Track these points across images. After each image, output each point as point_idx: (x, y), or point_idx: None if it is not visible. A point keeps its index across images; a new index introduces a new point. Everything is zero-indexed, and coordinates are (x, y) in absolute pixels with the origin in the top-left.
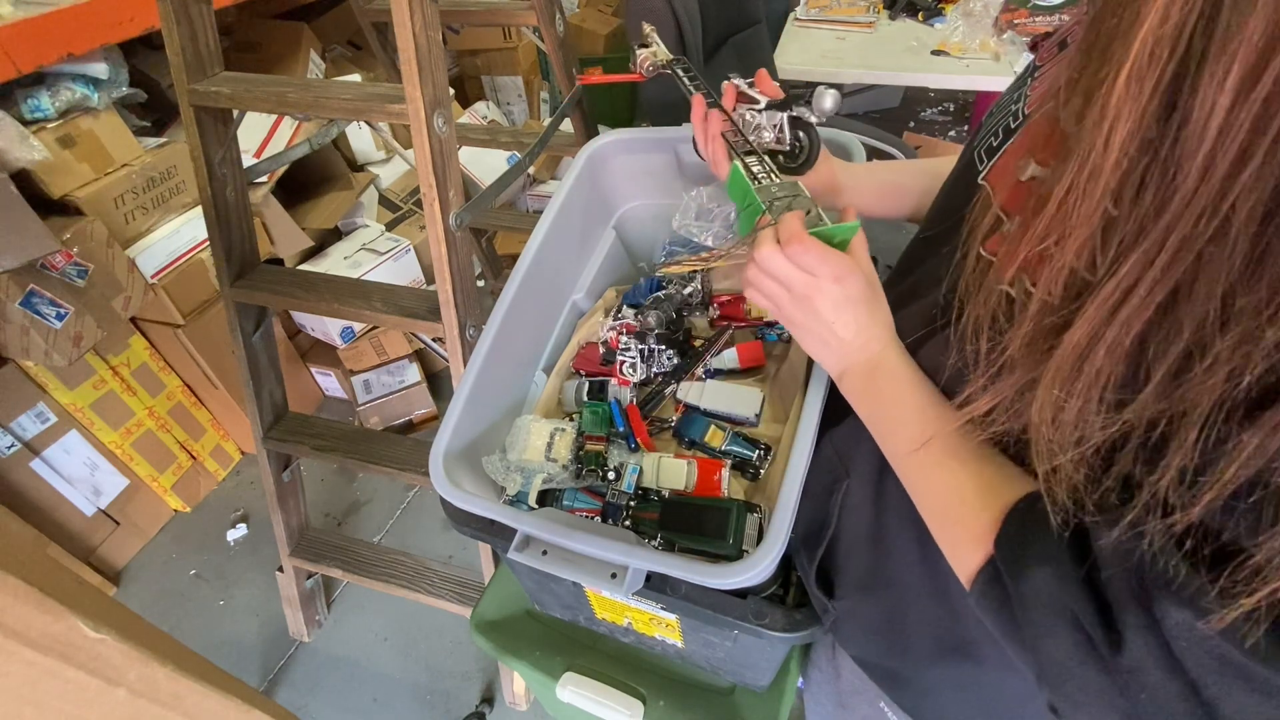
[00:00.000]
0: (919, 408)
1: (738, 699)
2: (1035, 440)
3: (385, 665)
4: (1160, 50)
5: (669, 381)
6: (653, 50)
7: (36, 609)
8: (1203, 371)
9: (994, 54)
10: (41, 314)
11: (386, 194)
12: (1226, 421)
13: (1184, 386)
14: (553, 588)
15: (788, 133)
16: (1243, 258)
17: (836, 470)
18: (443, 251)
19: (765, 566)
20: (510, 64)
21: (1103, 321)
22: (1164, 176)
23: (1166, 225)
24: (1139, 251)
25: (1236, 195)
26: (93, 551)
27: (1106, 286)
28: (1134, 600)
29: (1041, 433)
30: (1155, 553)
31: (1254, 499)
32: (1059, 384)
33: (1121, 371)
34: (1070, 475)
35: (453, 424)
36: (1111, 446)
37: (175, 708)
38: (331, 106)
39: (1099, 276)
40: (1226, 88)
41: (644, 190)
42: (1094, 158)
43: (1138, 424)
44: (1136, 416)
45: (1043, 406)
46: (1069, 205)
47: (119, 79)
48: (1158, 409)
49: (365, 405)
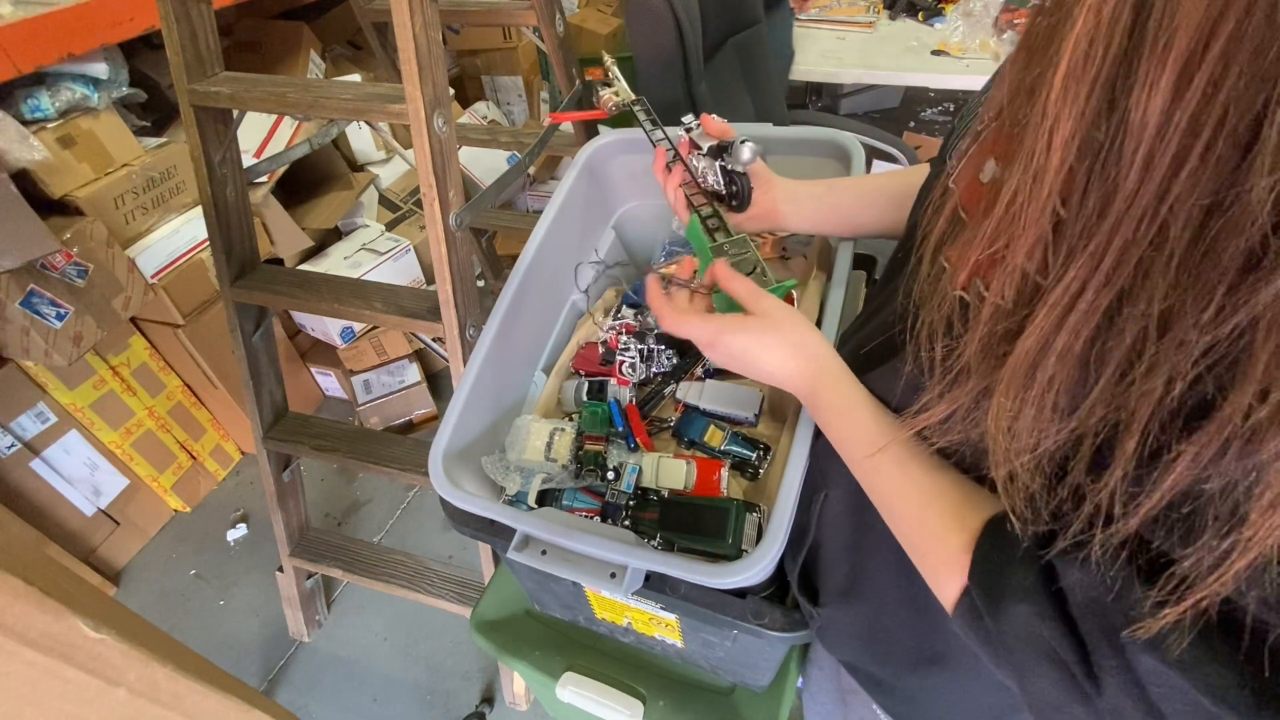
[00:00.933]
0: (866, 428)
1: (738, 699)
2: (993, 448)
3: (385, 665)
4: (1095, 50)
5: (669, 381)
6: (614, 90)
7: (36, 609)
8: (1141, 377)
9: (994, 54)
10: (41, 314)
11: (386, 194)
12: (1164, 432)
13: (1126, 393)
14: (552, 588)
15: (721, 178)
16: (1178, 264)
17: (815, 481)
18: (443, 251)
19: (764, 566)
20: (510, 64)
21: (1053, 327)
22: (1105, 178)
23: (1110, 228)
24: (1085, 255)
25: (1174, 198)
26: (93, 551)
27: (1055, 292)
28: (1106, 642)
29: (998, 441)
30: (1117, 587)
31: (1187, 510)
32: (1013, 391)
33: (1073, 378)
34: (1026, 484)
35: (452, 424)
36: (1065, 456)
37: (175, 708)
38: (331, 106)
39: (1049, 281)
40: (1160, 88)
41: (644, 190)
42: (1037, 159)
43: (1086, 431)
44: (1083, 423)
45: (998, 414)
46: (1016, 207)
47: (119, 79)
48: (1102, 416)
49: (365, 405)
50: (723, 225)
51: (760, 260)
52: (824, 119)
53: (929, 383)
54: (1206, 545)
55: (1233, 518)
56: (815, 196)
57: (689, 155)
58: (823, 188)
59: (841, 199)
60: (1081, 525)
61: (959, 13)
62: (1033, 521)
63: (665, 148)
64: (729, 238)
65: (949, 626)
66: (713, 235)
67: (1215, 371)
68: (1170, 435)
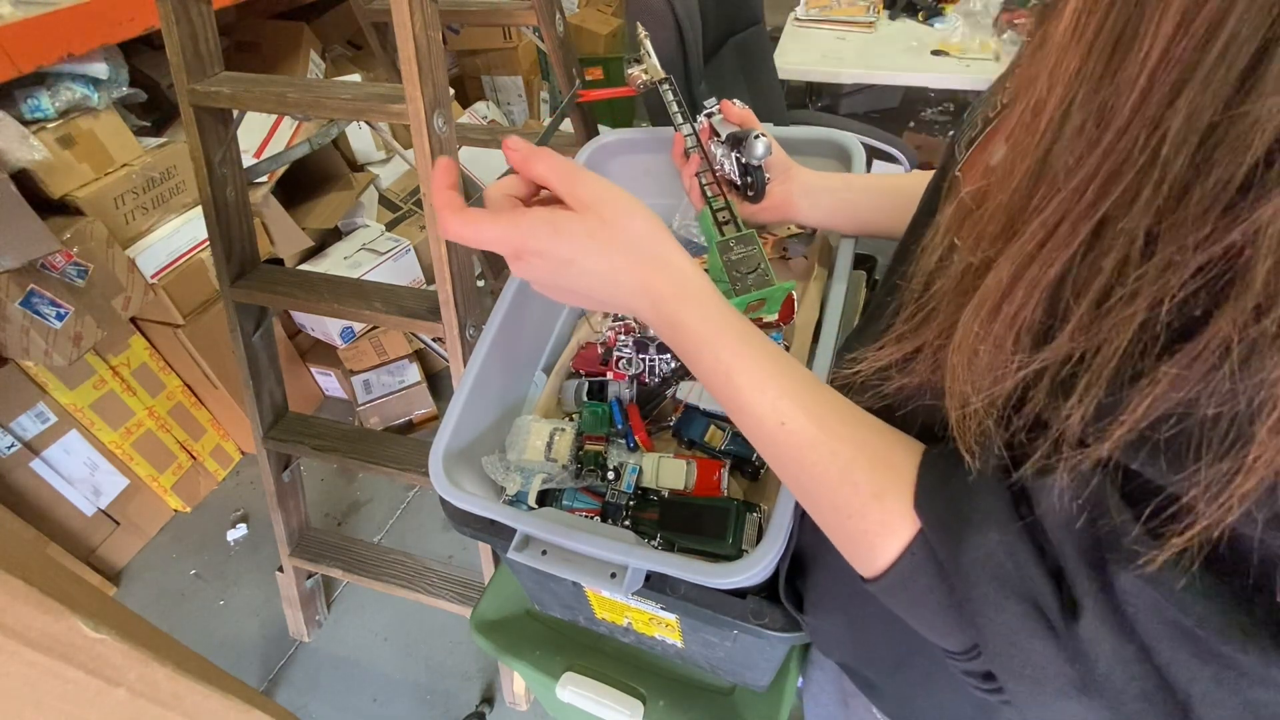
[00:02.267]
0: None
1: (738, 699)
2: (950, 383)
3: (385, 665)
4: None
5: (669, 382)
6: (644, 68)
7: (36, 609)
8: (1123, 303)
9: (994, 54)
10: (41, 314)
11: (386, 194)
12: (1144, 356)
13: (1104, 320)
14: (552, 588)
15: (736, 169)
16: (1171, 184)
17: None
18: (443, 251)
19: (764, 566)
20: (510, 64)
21: (1027, 258)
22: (1102, 109)
23: (1101, 153)
24: (1070, 188)
25: (1170, 123)
26: (93, 551)
27: (1033, 225)
28: (1088, 570)
29: (958, 375)
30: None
31: (1172, 434)
32: (978, 322)
33: (1041, 310)
34: (981, 419)
35: (452, 424)
36: (1027, 386)
37: (175, 708)
38: (331, 106)
39: (1028, 213)
40: (1169, 12)
41: (644, 190)
42: (1039, 92)
43: (1054, 361)
44: (1054, 354)
45: (960, 345)
46: (1015, 139)
47: (119, 79)
48: (1073, 346)
49: (365, 405)
50: (733, 219)
51: (765, 259)
52: (824, 119)
53: (899, 320)
54: (1205, 469)
55: (1234, 439)
56: (832, 191)
57: (708, 141)
58: (840, 183)
59: (860, 197)
60: (1047, 451)
61: (959, 13)
62: (981, 457)
63: (686, 133)
64: (737, 233)
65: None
66: (721, 229)
67: (1205, 292)
68: (1149, 359)
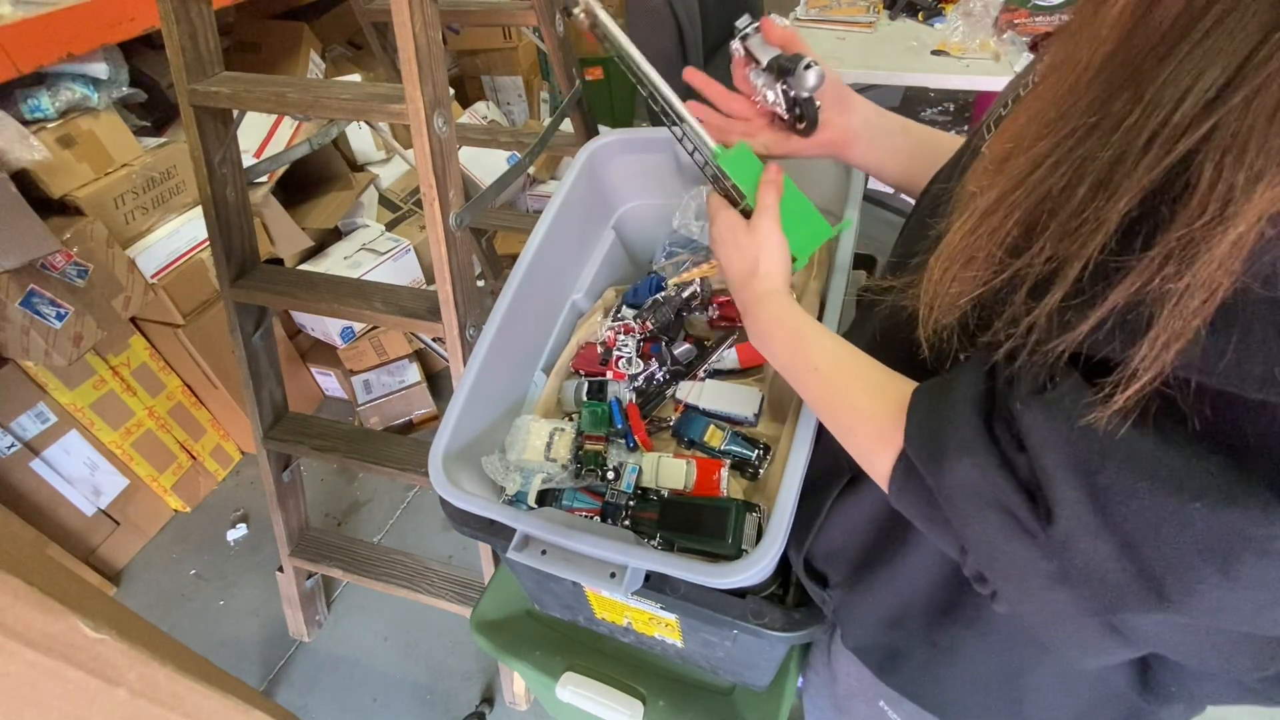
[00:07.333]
0: (810, 346)
1: (738, 699)
2: (926, 284)
3: (385, 665)
4: None
5: (669, 382)
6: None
7: (36, 609)
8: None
9: (994, 54)
10: (41, 314)
11: (386, 194)
12: (1119, 253)
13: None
14: (552, 588)
15: (784, 101)
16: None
17: (836, 467)
18: (443, 251)
19: (764, 566)
20: (510, 64)
21: (1014, 184)
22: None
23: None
24: (1062, 133)
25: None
26: (93, 551)
27: (1020, 160)
28: (1065, 473)
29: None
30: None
31: (1132, 317)
32: (960, 235)
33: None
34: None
35: (452, 424)
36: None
37: (175, 708)
38: (331, 106)
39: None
40: None
41: (644, 190)
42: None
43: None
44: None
45: (941, 255)
46: (1030, 105)
47: (119, 79)
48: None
49: (365, 405)
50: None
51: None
52: None
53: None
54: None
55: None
56: (890, 134)
57: (747, 69)
58: (898, 125)
59: (916, 147)
60: (1016, 343)
61: (959, 13)
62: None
63: (678, 138)
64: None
65: (969, 584)
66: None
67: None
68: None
